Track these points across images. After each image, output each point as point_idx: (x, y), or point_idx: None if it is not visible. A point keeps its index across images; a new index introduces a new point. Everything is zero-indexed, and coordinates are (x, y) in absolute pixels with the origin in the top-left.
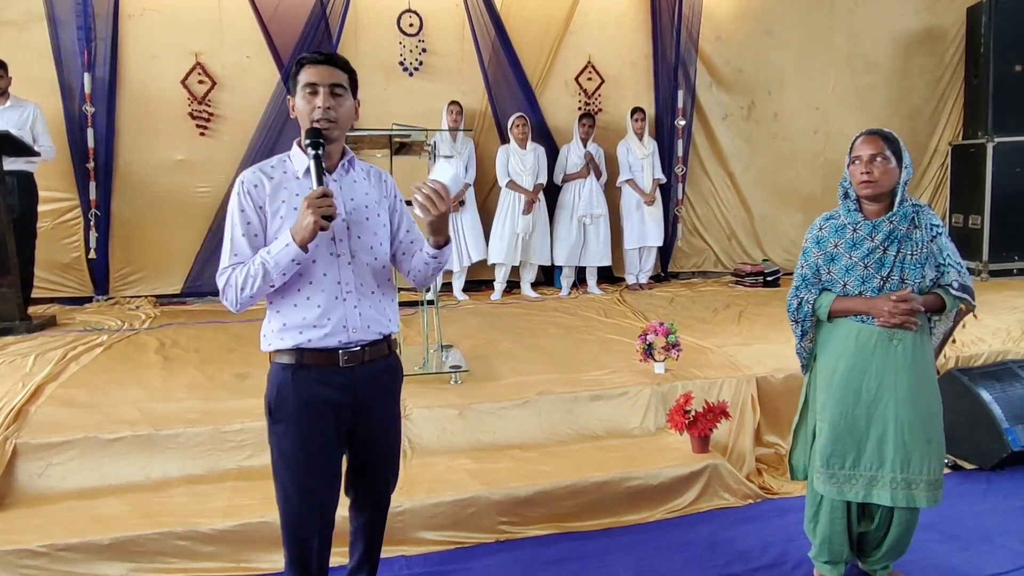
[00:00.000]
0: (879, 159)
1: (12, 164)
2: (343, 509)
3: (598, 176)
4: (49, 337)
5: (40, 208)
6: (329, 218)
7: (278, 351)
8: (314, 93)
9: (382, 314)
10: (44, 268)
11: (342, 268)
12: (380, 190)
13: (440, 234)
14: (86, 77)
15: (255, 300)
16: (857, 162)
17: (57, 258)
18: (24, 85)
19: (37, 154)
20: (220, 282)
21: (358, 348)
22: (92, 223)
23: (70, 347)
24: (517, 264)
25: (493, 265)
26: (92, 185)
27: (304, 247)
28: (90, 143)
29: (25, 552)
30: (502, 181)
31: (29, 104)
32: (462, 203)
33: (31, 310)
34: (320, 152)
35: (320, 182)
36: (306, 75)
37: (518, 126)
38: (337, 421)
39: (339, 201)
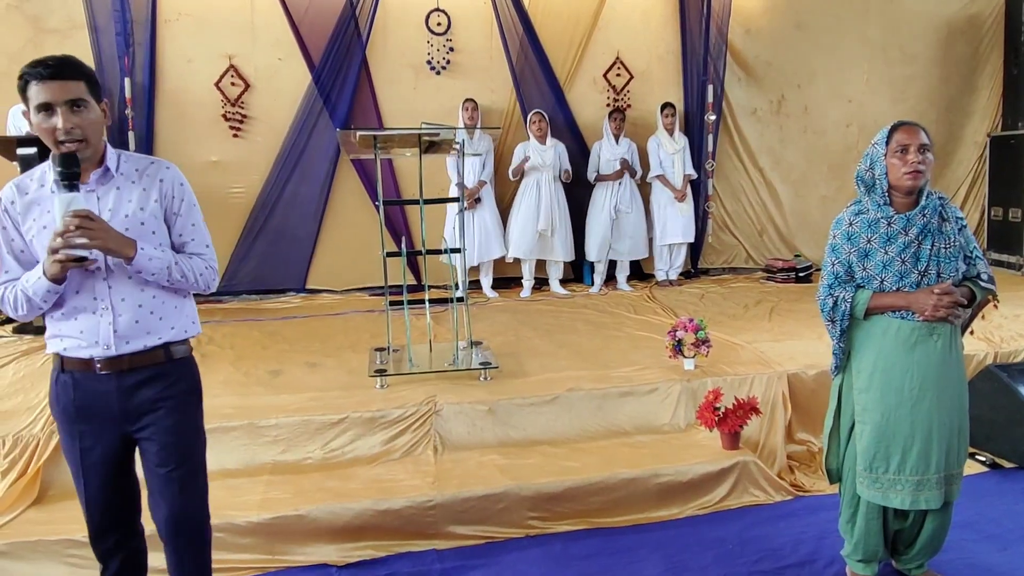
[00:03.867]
0: (925, 150)
1: None
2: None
3: (633, 176)
4: None
5: None
6: (82, 259)
7: (53, 353)
8: (51, 113)
9: (153, 325)
10: None
11: (97, 284)
12: (151, 192)
13: (114, 253)
14: (127, 82)
15: (42, 312)
16: (902, 152)
17: None
18: None
19: None
20: (2, 301)
21: (117, 357)
22: None
23: None
24: (539, 259)
25: (518, 261)
26: None
27: (56, 281)
28: (131, 146)
29: (70, 542)
30: (515, 176)
31: None
32: (479, 200)
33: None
34: (73, 183)
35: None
36: (37, 93)
37: (535, 122)
38: (97, 426)
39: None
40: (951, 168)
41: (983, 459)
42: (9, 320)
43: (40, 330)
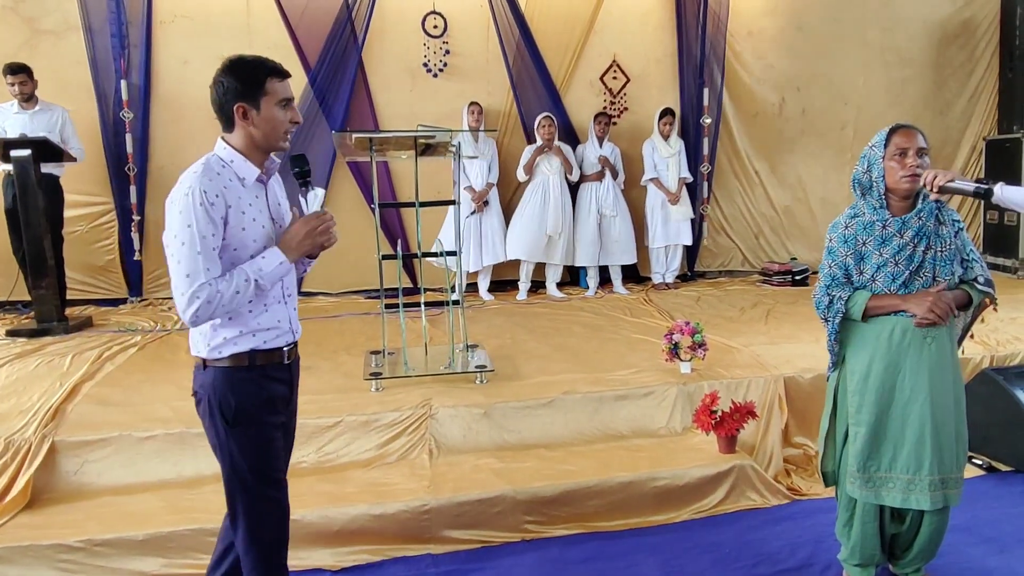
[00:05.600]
0: (922, 154)
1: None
2: None
3: (614, 176)
4: (85, 338)
5: (75, 212)
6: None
7: (231, 355)
8: (287, 108)
9: (297, 314)
10: (80, 271)
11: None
12: (283, 191)
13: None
14: (122, 84)
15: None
16: (900, 155)
17: (92, 261)
18: (62, 92)
19: (73, 159)
20: (198, 298)
21: (295, 344)
22: (133, 225)
23: (105, 347)
24: (541, 262)
25: (515, 264)
26: (132, 190)
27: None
28: (128, 148)
29: (63, 547)
30: (523, 178)
31: (57, 108)
32: (486, 203)
33: (68, 311)
34: (308, 179)
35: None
36: (284, 88)
37: (545, 126)
38: (278, 415)
39: (272, 206)
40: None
41: (980, 462)
42: None
43: (35, 333)
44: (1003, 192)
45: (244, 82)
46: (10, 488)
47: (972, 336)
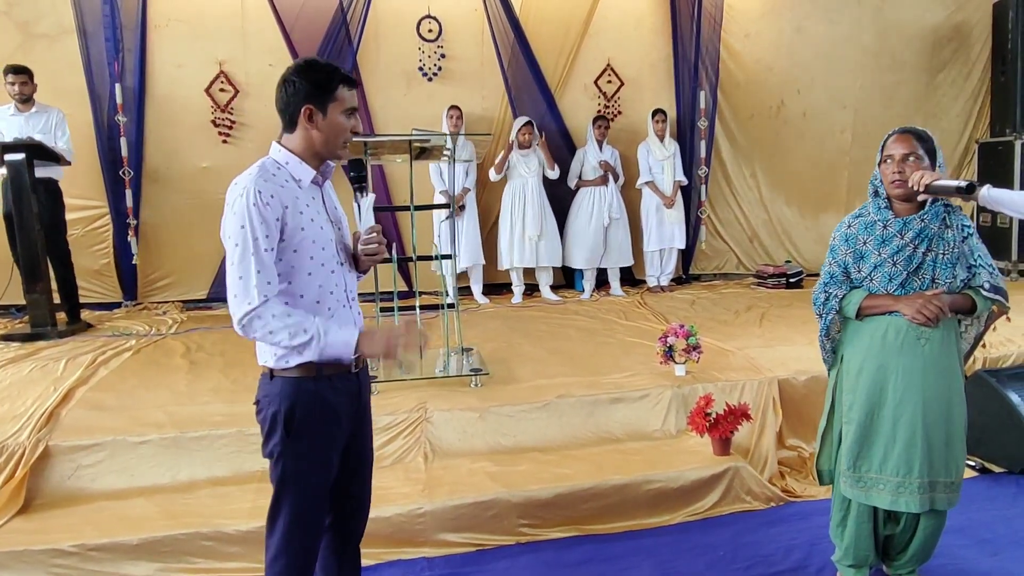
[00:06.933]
0: (911, 158)
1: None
2: None
3: (616, 179)
4: (80, 342)
5: (71, 216)
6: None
7: (298, 365)
8: (352, 116)
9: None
10: (75, 274)
11: (346, 275)
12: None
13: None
14: (117, 87)
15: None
16: (888, 161)
17: (87, 264)
18: (56, 96)
19: (68, 163)
20: (256, 317)
21: (358, 353)
22: (130, 229)
23: (100, 352)
24: (531, 266)
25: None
26: (128, 193)
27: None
28: (123, 152)
29: (56, 552)
30: (494, 177)
31: (53, 110)
32: (462, 207)
33: (60, 316)
34: (364, 184)
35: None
36: (352, 98)
37: (524, 133)
38: (342, 430)
39: (329, 209)
40: None
41: (973, 464)
42: None
43: (28, 337)
44: (989, 193)
45: (316, 85)
46: (4, 493)
47: (984, 346)
